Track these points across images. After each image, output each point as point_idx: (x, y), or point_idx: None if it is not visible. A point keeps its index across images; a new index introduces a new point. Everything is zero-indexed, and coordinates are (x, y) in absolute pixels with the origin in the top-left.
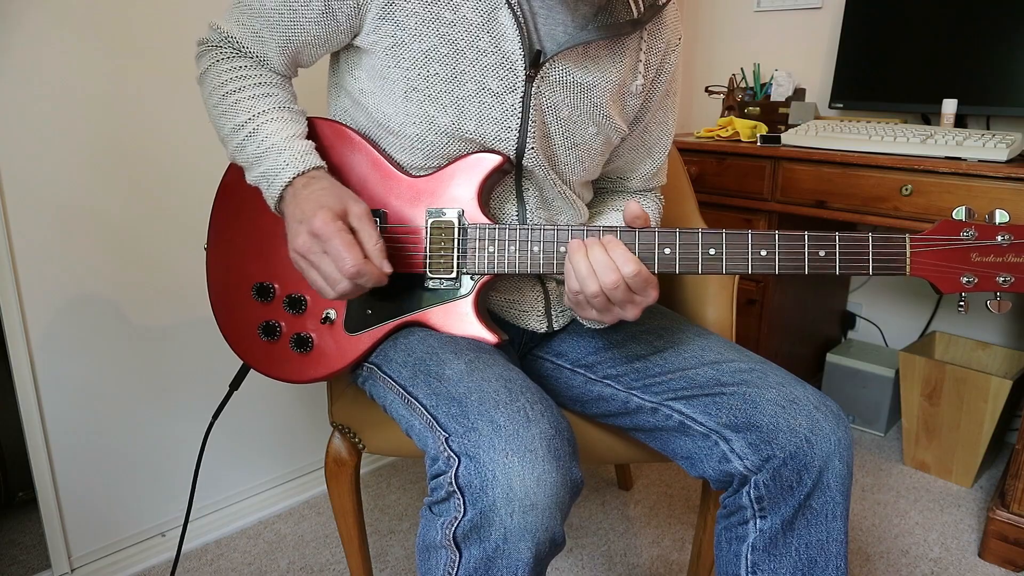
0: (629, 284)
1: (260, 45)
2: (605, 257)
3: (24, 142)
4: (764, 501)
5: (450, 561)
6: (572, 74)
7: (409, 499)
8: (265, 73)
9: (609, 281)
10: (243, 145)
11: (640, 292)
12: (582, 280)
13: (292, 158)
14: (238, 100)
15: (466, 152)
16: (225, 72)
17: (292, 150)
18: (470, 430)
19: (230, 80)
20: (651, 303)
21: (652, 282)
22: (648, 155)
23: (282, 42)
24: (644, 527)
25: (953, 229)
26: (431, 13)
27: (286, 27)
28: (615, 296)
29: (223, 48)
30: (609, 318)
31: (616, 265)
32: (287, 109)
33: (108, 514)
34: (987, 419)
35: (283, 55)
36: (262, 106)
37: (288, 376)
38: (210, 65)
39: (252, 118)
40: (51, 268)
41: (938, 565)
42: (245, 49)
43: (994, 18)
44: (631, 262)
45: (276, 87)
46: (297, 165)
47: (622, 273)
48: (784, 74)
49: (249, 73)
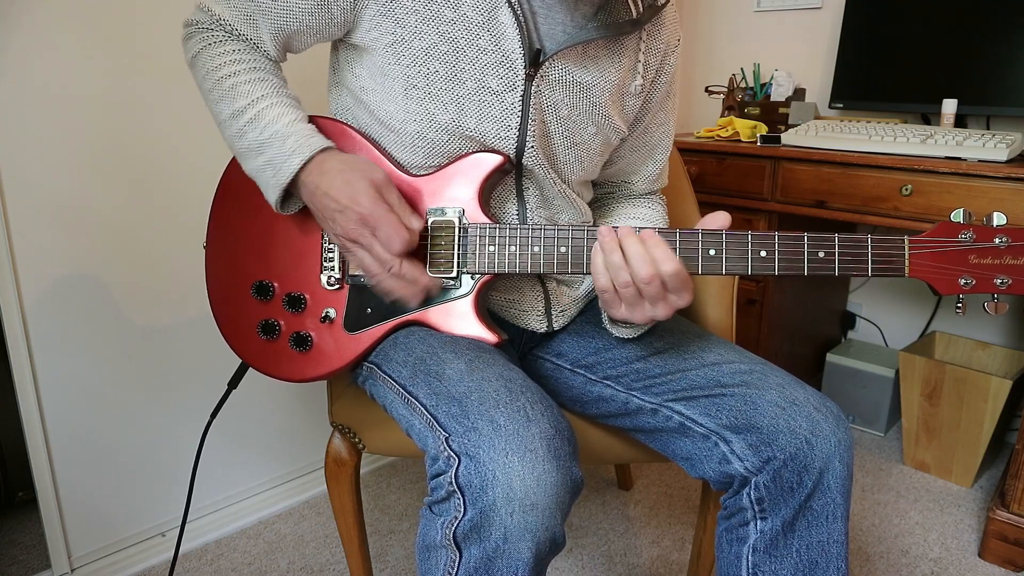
0: (667, 283)
1: (253, 29)
2: (641, 249)
3: (24, 142)
4: (764, 502)
5: (450, 561)
6: (571, 73)
7: (409, 499)
8: (258, 57)
9: (644, 275)
10: (244, 132)
11: (675, 292)
12: (614, 270)
13: (297, 144)
14: (235, 84)
15: (467, 151)
16: (219, 55)
17: (297, 135)
18: (470, 430)
19: (224, 64)
20: (683, 305)
21: (689, 284)
22: (650, 156)
23: (274, 29)
24: (644, 527)
25: (951, 231)
26: (431, 11)
27: (278, 14)
28: (648, 291)
29: (214, 31)
30: (639, 315)
31: (653, 259)
32: (285, 94)
33: (108, 514)
34: (987, 419)
35: (275, 40)
36: (260, 91)
37: (287, 375)
38: (201, 48)
39: (252, 103)
40: (51, 268)
41: (938, 565)
42: (237, 32)
43: (994, 18)
44: (671, 260)
45: (269, 72)
46: (303, 151)
47: (661, 271)
48: (784, 74)
49: (243, 57)
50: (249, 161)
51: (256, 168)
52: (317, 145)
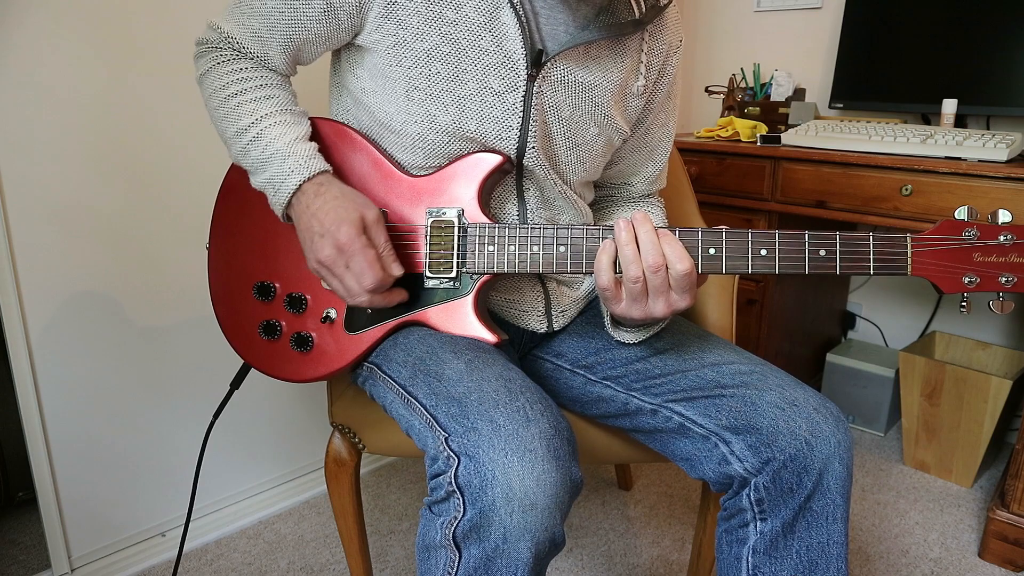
0: (674, 280)
1: (260, 45)
2: (653, 237)
3: (24, 142)
4: (764, 503)
5: (450, 561)
6: (574, 74)
7: (409, 499)
8: (266, 75)
9: (653, 262)
10: (247, 150)
11: (679, 292)
12: (627, 263)
13: (296, 164)
14: (240, 103)
15: (467, 152)
16: (226, 74)
17: (297, 156)
18: (470, 430)
19: (231, 83)
20: (683, 308)
21: (694, 289)
22: (650, 157)
23: (283, 40)
24: (644, 527)
25: (955, 229)
26: (433, 12)
27: (287, 25)
28: (653, 282)
29: (223, 49)
30: (638, 311)
31: (663, 251)
32: (289, 112)
33: (108, 514)
34: (987, 419)
35: (284, 54)
36: (264, 109)
37: (288, 375)
38: (211, 67)
39: (255, 122)
40: (51, 268)
41: (938, 565)
42: (246, 50)
43: (994, 18)
44: (684, 260)
45: (277, 88)
46: (302, 172)
47: (673, 269)
48: (784, 74)
49: (250, 75)
50: (254, 177)
51: (260, 184)
52: (316, 168)
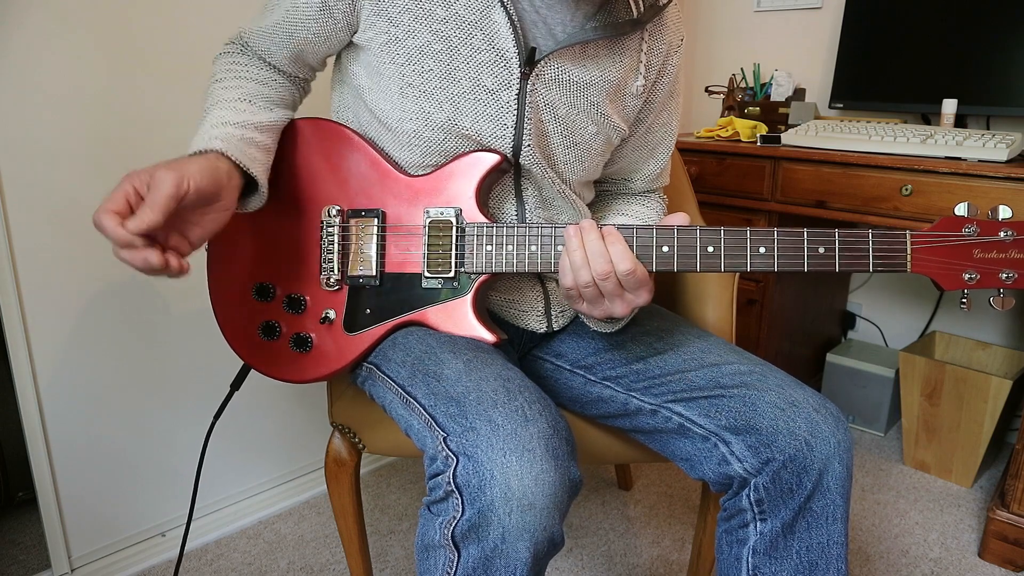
0: (622, 281)
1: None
2: (600, 246)
3: (24, 142)
4: (764, 504)
5: (449, 561)
6: (568, 72)
7: (409, 499)
8: (258, 70)
9: (601, 270)
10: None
11: (632, 290)
12: (576, 269)
13: (199, 139)
14: (214, 90)
15: (463, 150)
16: (223, 66)
17: (205, 133)
18: (468, 430)
19: (219, 71)
20: (642, 304)
21: (646, 283)
22: (651, 156)
23: (284, 38)
24: (644, 527)
25: (955, 225)
26: (424, 9)
27: (290, 24)
28: (605, 287)
29: (234, 44)
30: (598, 312)
31: (611, 257)
32: (247, 101)
33: (108, 514)
34: (987, 419)
35: (285, 51)
36: (226, 96)
37: (288, 376)
38: (216, 58)
39: (211, 106)
40: (51, 268)
41: (938, 565)
42: (250, 46)
43: (994, 18)
44: (627, 259)
45: (256, 82)
46: (197, 144)
47: (617, 269)
48: (784, 74)
49: (239, 69)
50: None
51: None
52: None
